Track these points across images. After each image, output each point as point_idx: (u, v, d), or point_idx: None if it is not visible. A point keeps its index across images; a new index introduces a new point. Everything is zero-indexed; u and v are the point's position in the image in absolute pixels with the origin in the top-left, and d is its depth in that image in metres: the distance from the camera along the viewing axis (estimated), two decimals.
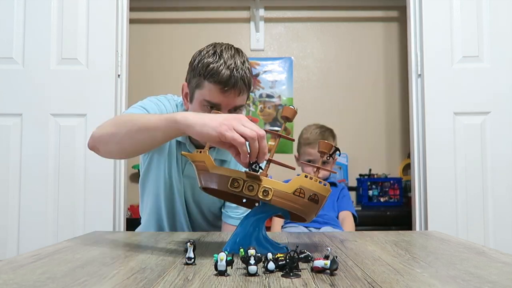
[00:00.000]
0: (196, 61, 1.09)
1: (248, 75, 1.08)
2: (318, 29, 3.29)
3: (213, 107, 1.07)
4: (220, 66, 1.04)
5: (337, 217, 1.79)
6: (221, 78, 1.03)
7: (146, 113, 1.13)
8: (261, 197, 0.77)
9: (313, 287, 0.57)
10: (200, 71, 1.06)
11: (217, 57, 1.05)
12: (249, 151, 0.81)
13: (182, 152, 0.90)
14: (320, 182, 0.80)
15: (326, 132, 1.81)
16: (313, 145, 1.71)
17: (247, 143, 0.79)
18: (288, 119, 0.84)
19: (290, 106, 0.83)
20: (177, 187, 1.23)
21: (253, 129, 0.80)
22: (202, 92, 1.07)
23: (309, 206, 0.80)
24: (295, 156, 1.90)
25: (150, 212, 1.30)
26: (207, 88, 1.05)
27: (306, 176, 0.80)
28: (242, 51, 1.12)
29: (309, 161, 1.71)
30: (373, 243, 0.95)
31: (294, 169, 0.88)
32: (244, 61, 1.08)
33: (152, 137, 0.93)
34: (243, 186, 0.78)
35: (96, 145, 1.03)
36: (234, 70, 1.04)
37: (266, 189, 0.78)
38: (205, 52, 1.08)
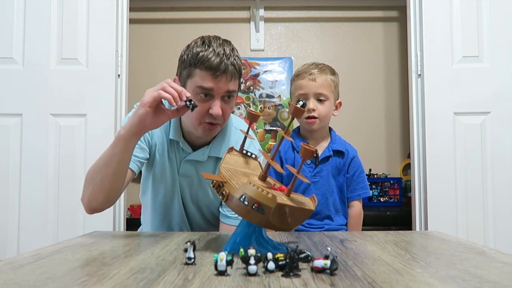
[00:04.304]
0: (186, 54, 1.12)
1: (238, 61, 1.11)
2: (318, 29, 3.29)
3: (206, 95, 1.09)
4: (210, 53, 1.07)
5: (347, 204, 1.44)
6: (212, 64, 1.06)
7: None
8: (222, 198, 0.79)
9: (313, 287, 0.57)
10: (191, 61, 1.09)
11: (206, 46, 1.09)
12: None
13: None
14: (265, 191, 0.73)
15: (323, 66, 1.42)
16: (303, 76, 1.38)
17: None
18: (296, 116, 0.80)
19: (299, 102, 0.79)
20: (173, 186, 1.23)
21: (160, 84, 0.97)
22: (194, 80, 1.09)
23: (254, 215, 0.75)
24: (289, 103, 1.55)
25: (149, 214, 1.30)
26: (199, 76, 1.08)
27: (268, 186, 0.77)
28: (230, 42, 1.14)
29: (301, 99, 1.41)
30: (373, 243, 0.95)
31: (284, 172, 0.88)
32: (233, 49, 1.11)
33: (118, 162, 1.02)
34: (215, 186, 0.81)
35: (91, 207, 1.08)
36: (224, 56, 1.07)
37: (223, 192, 0.78)
38: (193, 44, 1.12)
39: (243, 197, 0.75)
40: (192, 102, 0.99)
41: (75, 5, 2.00)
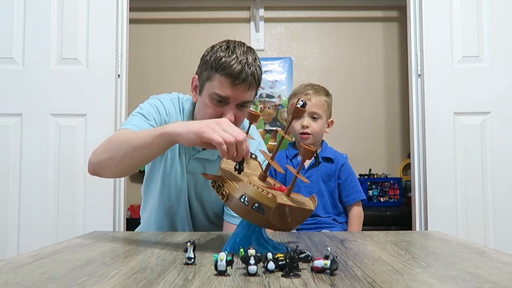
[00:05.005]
0: (209, 55, 1.11)
1: (259, 72, 1.11)
2: (318, 29, 3.29)
3: (221, 101, 1.08)
4: (232, 60, 1.06)
5: (343, 209, 1.54)
6: (233, 72, 1.05)
7: (145, 120, 1.15)
8: (221, 198, 0.79)
9: (313, 287, 0.57)
10: (212, 64, 1.08)
11: (230, 52, 1.08)
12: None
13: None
14: (265, 191, 0.73)
15: (318, 87, 1.55)
16: (299, 95, 1.52)
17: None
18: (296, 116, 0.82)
19: (299, 102, 0.79)
20: (180, 183, 1.24)
21: (232, 134, 0.83)
22: (212, 84, 1.08)
23: (254, 215, 0.75)
24: (285, 119, 1.62)
25: (152, 210, 1.30)
26: (218, 81, 1.07)
27: (258, 184, 0.78)
28: (254, 50, 1.13)
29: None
30: (373, 243, 0.95)
31: (284, 172, 0.89)
32: (255, 59, 1.10)
33: (148, 154, 0.99)
34: (215, 185, 0.81)
35: (97, 171, 1.08)
36: (246, 65, 1.06)
37: (224, 192, 0.78)
38: (218, 47, 1.11)
39: (243, 197, 0.75)
40: (241, 166, 0.87)
41: (75, 5, 2.00)
